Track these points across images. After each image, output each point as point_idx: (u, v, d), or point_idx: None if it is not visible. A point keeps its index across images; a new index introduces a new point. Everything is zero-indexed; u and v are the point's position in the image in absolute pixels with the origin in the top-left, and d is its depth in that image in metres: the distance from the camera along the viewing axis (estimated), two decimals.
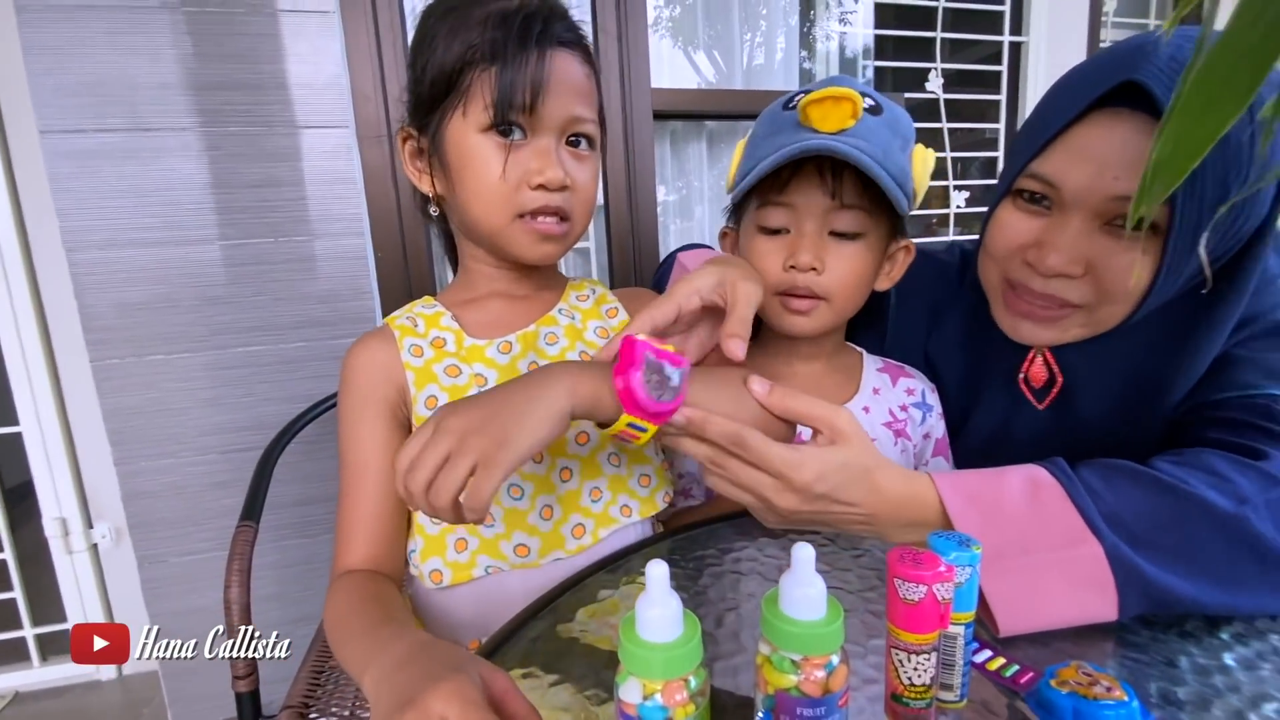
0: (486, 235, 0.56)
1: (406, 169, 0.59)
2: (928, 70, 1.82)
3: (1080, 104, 0.47)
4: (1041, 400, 0.60)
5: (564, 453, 0.58)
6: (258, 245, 1.20)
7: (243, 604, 0.84)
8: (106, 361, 1.17)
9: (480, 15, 0.51)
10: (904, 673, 0.31)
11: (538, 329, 0.60)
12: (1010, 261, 0.54)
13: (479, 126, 0.52)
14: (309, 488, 1.30)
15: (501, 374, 0.57)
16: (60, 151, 1.11)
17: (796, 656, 0.28)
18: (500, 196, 0.53)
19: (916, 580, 0.29)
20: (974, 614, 0.32)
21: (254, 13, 1.14)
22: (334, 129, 1.20)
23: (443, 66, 0.52)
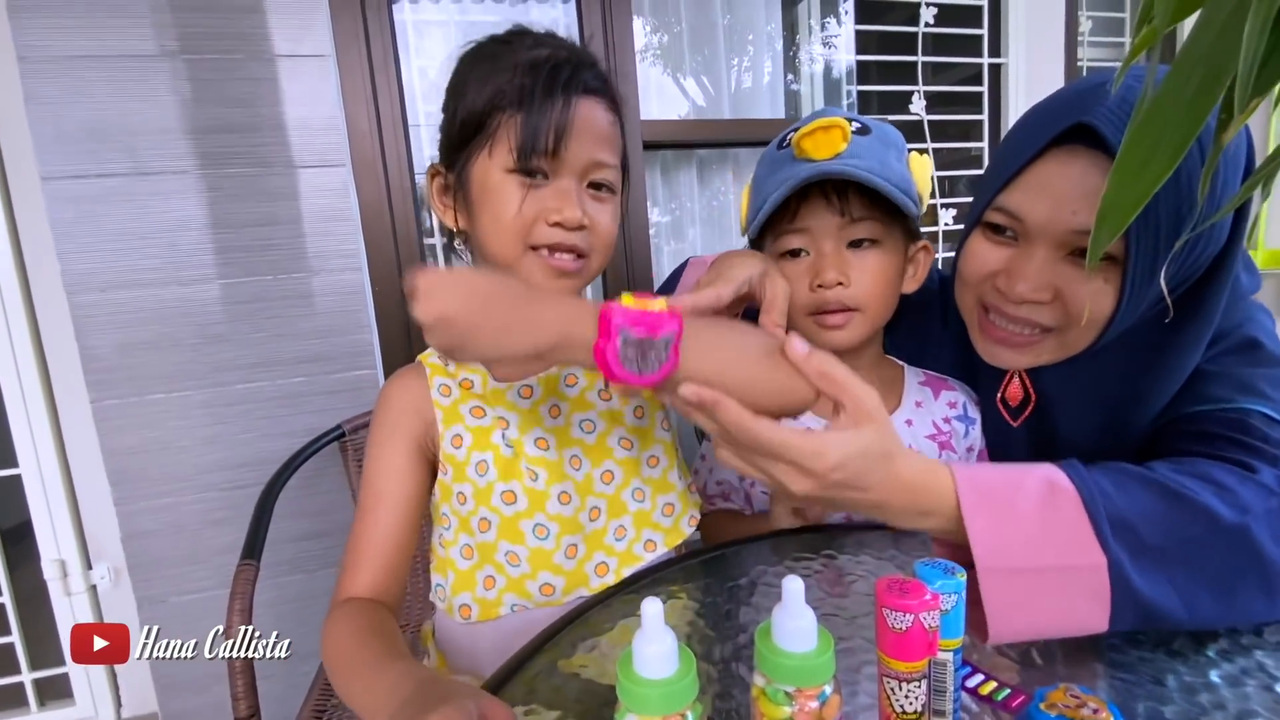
0: (502, 268, 0.57)
1: (434, 204, 0.61)
2: (911, 93, 1.87)
3: (1038, 143, 0.50)
4: (1016, 418, 0.63)
5: (591, 491, 0.59)
6: (257, 283, 1.22)
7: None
8: (106, 402, 1.18)
9: (511, 62, 0.54)
10: (896, 700, 0.31)
11: (560, 371, 0.61)
12: (982, 287, 0.57)
13: (504, 167, 0.54)
14: (309, 523, 1.30)
15: (523, 419, 0.59)
16: (62, 196, 1.13)
17: (790, 688, 0.29)
18: (514, 229, 0.54)
19: (904, 609, 0.30)
20: (961, 640, 0.33)
21: (252, 58, 1.17)
22: (331, 168, 1.23)
23: (473, 109, 0.54)
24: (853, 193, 0.59)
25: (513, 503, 0.57)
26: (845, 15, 1.84)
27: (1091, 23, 1.97)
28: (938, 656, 0.32)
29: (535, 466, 0.58)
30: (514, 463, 0.58)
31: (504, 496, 0.57)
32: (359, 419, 1.20)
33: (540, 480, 0.57)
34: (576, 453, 0.59)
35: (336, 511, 1.31)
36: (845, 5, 1.83)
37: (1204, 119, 0.20)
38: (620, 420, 0.62)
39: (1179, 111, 0.20)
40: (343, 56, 1.27)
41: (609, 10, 1.40)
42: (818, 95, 1.90)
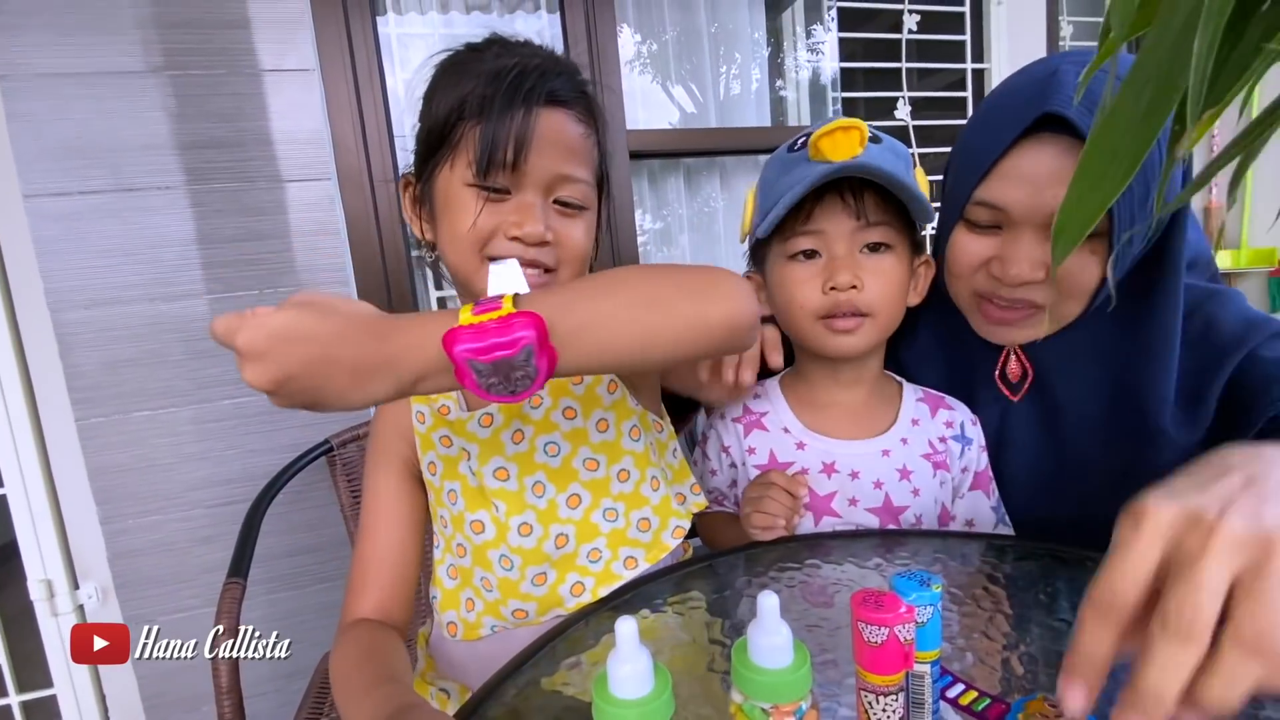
0: (461, 280, 0.57)
1: (406, 214, 0.61)
2: (896, 99, 1.88)
3: (1008, 137, 0.53)
4: (1016, 393, 0.65)
5: (556, 518, 0.57)
6: (244, 298, 1.21)
7: (231, 663, 0.83)
8: (92, 420, 1.17)
9: (477, 70, 0.52)
10: (874, 714, 0.31)
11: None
12: (975, 278, 0.60)
13: (464, 180, 0.53)
14: (299, 539, 1.29)
15: (483, 449, 0.57)
16: (45, 214, 1.12)
17: (766, 705, 0.29)
18: (469, 241, 0.53)
19: (878, 623, 0.30)
20: (939, 652, 0.33)
21: (235, 74, 1.17)
22: (317, 181, 1.22)
23: (437, 119, 0.53)
24: (869, 196, 0.58)
25: (481, 532, 0.57)
26: (830, 22, 1.86)
27: (1072, 28, 1.99)
28: (914, 669, 0.32)
29: (495, 499, 0.57)
30: (479, 493, 0.58)
31: (473, 526, 0.57)
32: (346, 433, 1.19)
33: (501, 511, 0.56)
34: (540, 479, 0.57)
35: (326, 526, 1.30)
36: (830, 12, 1.85)
37: (1155, 135, 0.20)
38: (585, 439, 0.59)
39: (1132, 128, 0.20)
40: (327, 70, 1.27)
41: (593, 20, 1.41)
42: (804, 102, 1.92)
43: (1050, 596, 0.47)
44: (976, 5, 1.91)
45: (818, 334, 0.62)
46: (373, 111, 1.29)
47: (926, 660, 0.33)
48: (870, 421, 0.67)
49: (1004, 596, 0.48)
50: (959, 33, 1.92)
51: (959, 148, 0.63)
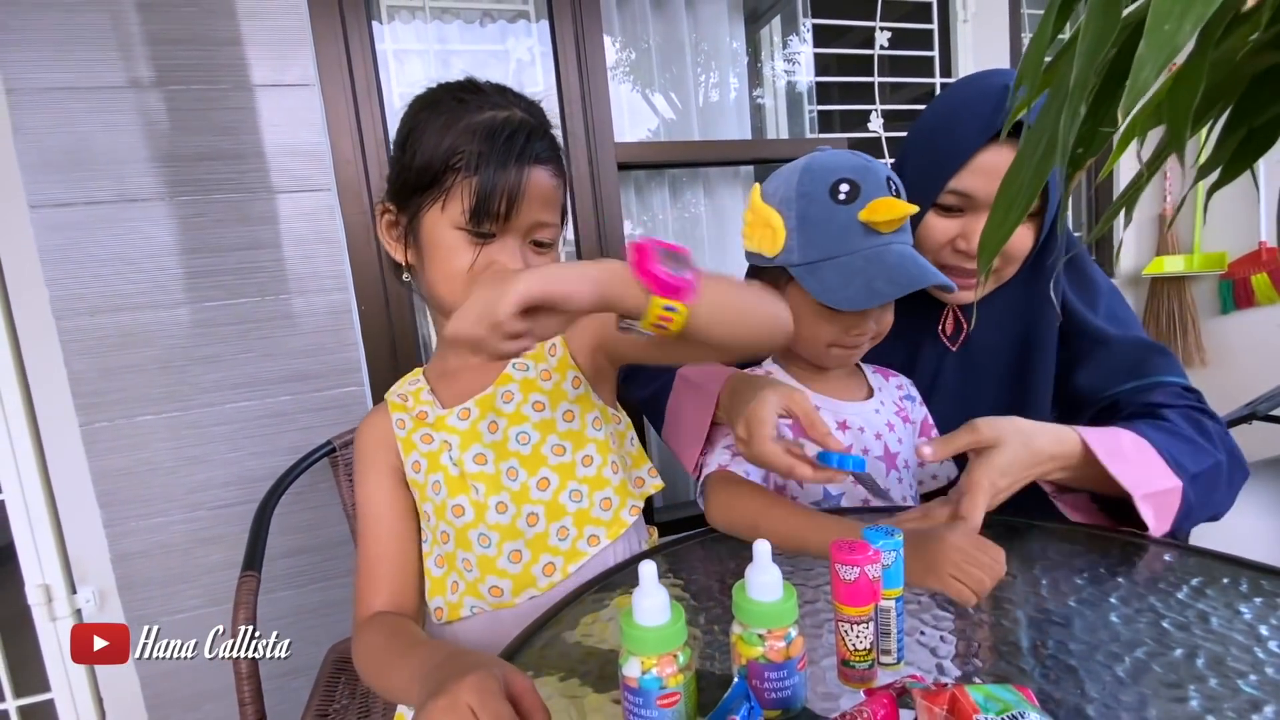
0: (446, 310, 0.62)
1: (382, 237, 0.66)
2: (869, 111, 1.97)
3: (977, 142, 0.67)
4: (953, 344, 0.80)
5: (528, 499, 0.63)
6: (244, 305, 1.25)
7: None
8: (96, 424, 1.19)
9: (472, 123, 0.58)
10: (849, 641, 0.38)
11: (495, 390, 0.66)
12: (941, 252, 0.73)
13: (453, 224, 0.58)
14: (300, 539, 1.32)
15: (463, 439, 0.64)
16: (50, 224, 1.15)
17: (762, 630, 0.35)
18: (464, 282, 0.59)
19: (851, 563, 0.37)
20: (901, 590, 0.40)
21: (237, 88, 1.21)
22: (316, 192, 1.27)
23: (430, 162, 0.58)
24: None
25: (461, 515, 0.63)
26: (806, 34, 1.94)
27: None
28: (881, 604, 0.39)
29: (475, 481, 0.63)
30: (460, 480, 0.63)
31: (454, 510, 0.63)
32: (348, 434, 1.24)
33: (480, 492, 0.63)
34: (513, 464, 0.64)
35: (326, 526, 1.33)
36: (805, 26, 1.93)
37: (1045, 178, 0.27)
38: (553, 428, 0.65)
39: (1029, 172, 0.27)
40: (326, 85, 1.31)
41: (581, 33, 1.47)
42: (781, 113, 2.00)
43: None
44: (944, 23, 2.01)
45: (824, 354, 0.72)
46: (370, 124, 1.34)
47: (891, 597, 0.39)
48: (853, 389, 0.78)
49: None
50: (928, 49, 2.02)
51: (922, 146, 0.74)
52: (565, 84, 1.46)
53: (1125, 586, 0.48)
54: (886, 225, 0.63)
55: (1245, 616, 0.43)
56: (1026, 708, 0.31)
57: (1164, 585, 0.48)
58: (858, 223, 0.64)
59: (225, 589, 1.29)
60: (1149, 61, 0.23)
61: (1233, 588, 0.46)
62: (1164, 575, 0.49)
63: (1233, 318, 2.36)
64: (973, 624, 0.45)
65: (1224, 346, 2.40)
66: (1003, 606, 0.47)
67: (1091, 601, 0.46)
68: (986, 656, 0.42)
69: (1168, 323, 2.45)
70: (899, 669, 0.40)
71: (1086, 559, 0.54)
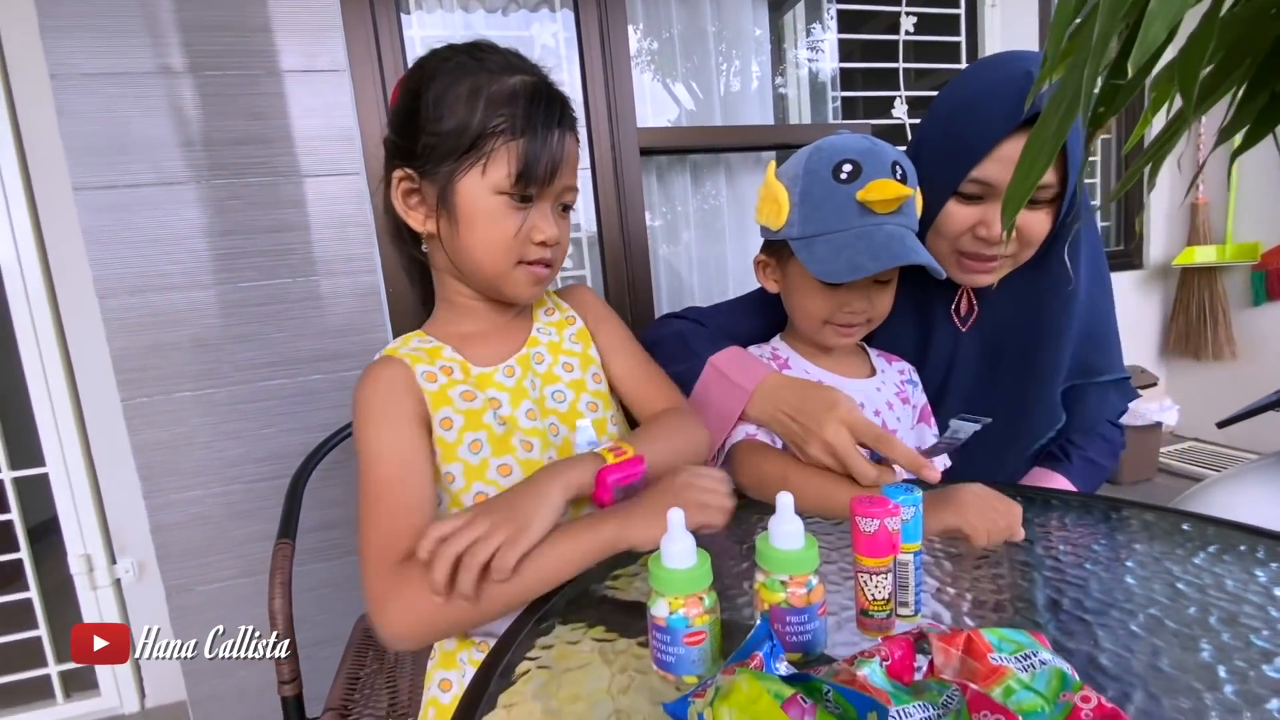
0: (487, 278, 0.63)
1: (398, 206, 0.63)
2: (893, 98, 1.96)
3: (1001, 130, 0.66)
4: (965, 325, 0.81)
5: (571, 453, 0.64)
6: (277, 286, 1.29)
7: (286, 614, 0.91)
8: (136, 400, 1.24)
9: (505, 87, 0.58)
10: (868, 591, 0.39)
11: (529, 351, 0.68)
12: (962, 239, 0.73)
13: (496, 189, 0.58)
14: (327, 513, 1.36)
15: (512, 395, 0.64)
16: (93, 205, 1.19)
17: (784, 577, 0.37)
18: (509, 248, 0.60)
19: (871, 515, 0.38)
20: (919, 544, 0.41)
21: (270, 74, 1.25)
22: (346, 176, 1.30)
23: (467, 126, 0.57)
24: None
25: (509, 474, 0.61)
26: (830, 21, 1.92)
27: None
28: (900, 557, 0.40)
29: (530, 437, 0.63)
30: (506, 438, 0.62)
31: (500, 470, 0.61)
32: None
33: (535, 450, 0.63)
34: (553, 420, 0.65)
35: (355, 502, 1.37)
36: (829, 12, 1.92)
37: (1064, 136, 0.28)
38: (584, 387, 0.68)
39: (1051, 129, 0.28)
40: (356, 70, 1.34)
41: (606, 21, 1.49)
42: (804, 101, 1.99)
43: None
44: (971, 8, 1.99)
45: (823, 332, 0.74)
46: None
47: (910, 551, 0.41)
48: (856, 367, 0.80)
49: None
50: (954, 34, 2.00)
51: (941, 133, 0.74)
52: (589, 69, 1.48)
53: (1142, 552, 0.49)
54: (882, 205, 0.65)
55: (1260, 579, 0.43)
56: (1039, 649, 0.32)
57: (1180, 551, 0.49)
58: (855, 201, 0.66)
59: (259, 560, 1.34)
60: (1159, 17, 0.24)
61: (1249, 554, 0.47)
62: (1181, 542, 0.50)
63: (1264, 310, 2.31)
64: (989, 581, 0.46)
65: (1255, 338, 2.35)
66: (1019, 567, 0.48)
67: (1107, 565, 0.47)
68: (1003, 609, 0.44)
69: (1198, 314, 2.41)
70: (916, 620, 0.41)
71: (1104, 527, 0.55)
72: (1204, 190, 2.39)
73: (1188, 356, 2.48)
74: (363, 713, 0.92)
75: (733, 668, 0.32)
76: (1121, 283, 2.32)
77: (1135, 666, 0.36)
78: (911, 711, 0.28)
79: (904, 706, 0.28)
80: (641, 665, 0.39)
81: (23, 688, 1.52)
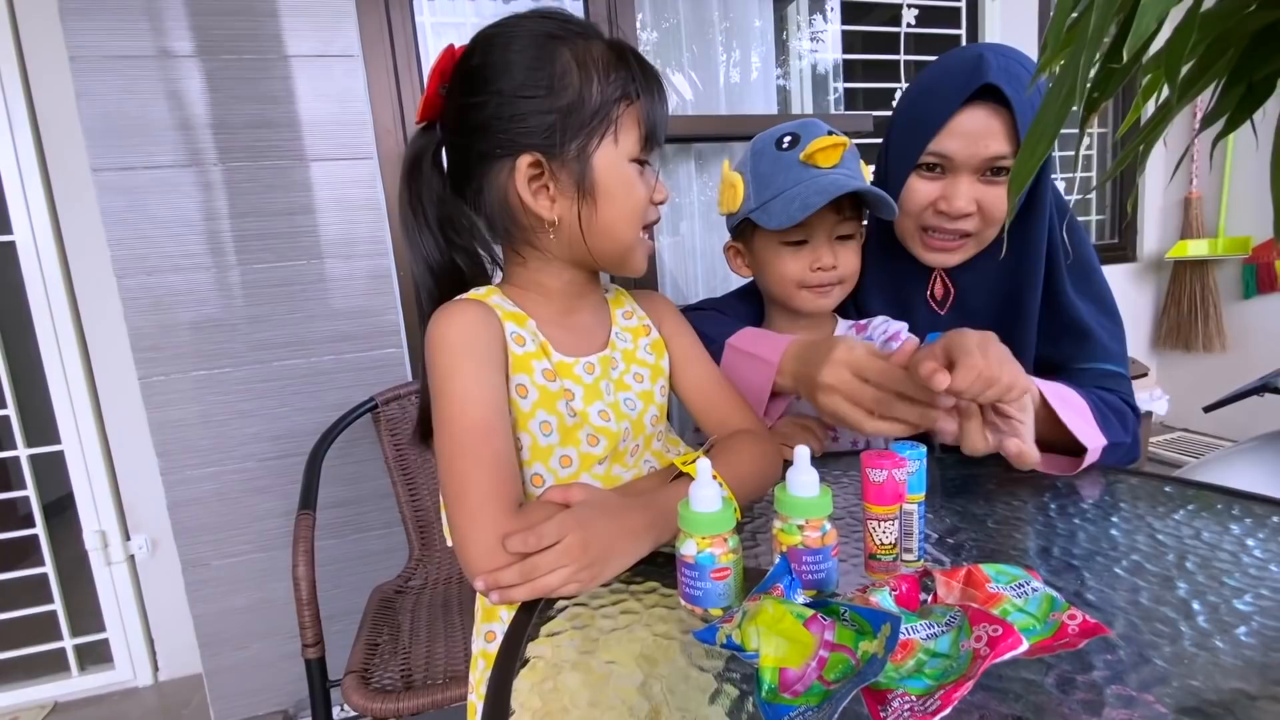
0: (620, 252, 0.60)
1: (525, 197, 0.57)
2: (894, 90, 1.99)
3: (955, 103, 0.70)
4: (943, 309, 0.83)
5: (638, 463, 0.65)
6: (291, 267, 1.32)
7: (309, 580, 0.95)
8: (153, 378, 1.27)
9: (604, 50, 0.56)
10: (876, 536, 0.43)
11: (609, 354, 0.64)
12: (924, 214, 0.76)
13: (630, 155, 0.57)
14: (340, 490, 1.40)
15: (586, 391, 0.60)
16: (111, 187, 1.22)
17: (800, 521, 0.40)
18: (643, 214, 0.59)
19: (880, 466, 0.42)
20: (923, 496, 0.45)
21: (284, 59, 1.27)
22: (360, 160, 1.33)
23: (584, 97, 0.54)
24: (845, 198, 0.73)
25: (568, 465, 0.60)
26: (831, 13, 1.95)
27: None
28: (906, 506, 0.44)
29: (599, 434, 0.60)
30: (575, 430, 0.59)
31: (561, 460, 0.59)
32: (388, 393, 1.30)
33: (600, 446, 0.60)
34: (626, 426, 0.63)
35: (366, 480, 1.41)
36: (831, 4, 1.94)
37: (1064, 120, 0.31)
38: (652, 399, 0.66)
39: (1053, 114, 0.32)
40: (369, 56, 1.37)
41: (614, 8, 1.51)
42: (806, 91, 2.01)
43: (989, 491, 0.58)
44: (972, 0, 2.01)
45: (803, 298, 0.79)
46: (410, 95, 1.39)
47: (915, 501, 0.44)
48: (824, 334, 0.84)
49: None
50: (955, 26, 2.02)
51: (904, 114, 0.78)
52: None
53: (1126, 509, 0.53)
54: (822, 156, 0.71)
55: (1234, 531, 0.47)
56: (1031, 580, 0.36)
57: (1162, 509, 0.53)
58: (799, 163, 0.72)
59: (274, 535, 1.38)
60: (1151, 9, 0.28)
61: (1225, 512, 0.51)
62: (1163, 501, 0.54)
63: (1255, 302, 2.36)
64: (984, 533, 0.50)
65: (1244, 331, 2.40)
66: (1013, 523, 0.52)
67: (1094, 520, 0.51)
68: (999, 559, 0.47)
69: (1189, 306, 2.46)
70: (919, 566, 0.45)
71: (1092, 489, 0.59)
72: (1196, 185, 2.43)
73: (1179, 348, 2.53)
74: (382, 676, 0.95)
75: (757, 596, 0.36)
76: (1115, 275, 2.36)
77: (1118, 601, 0.39)
78: (919, 628, 0.32)
79: (912, 624, 0.32)
80: (670, 601, 0.43)
81: (38, 661, 1.55)
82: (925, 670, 0.30)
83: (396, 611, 1.14)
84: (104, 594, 1.57)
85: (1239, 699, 0.30)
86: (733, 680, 0.35)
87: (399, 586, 1.24)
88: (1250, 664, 0.33)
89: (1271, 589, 0.40)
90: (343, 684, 0.91)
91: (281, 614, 1.39)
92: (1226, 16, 0.35)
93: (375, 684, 0.93)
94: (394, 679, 0.95)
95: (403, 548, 1.34)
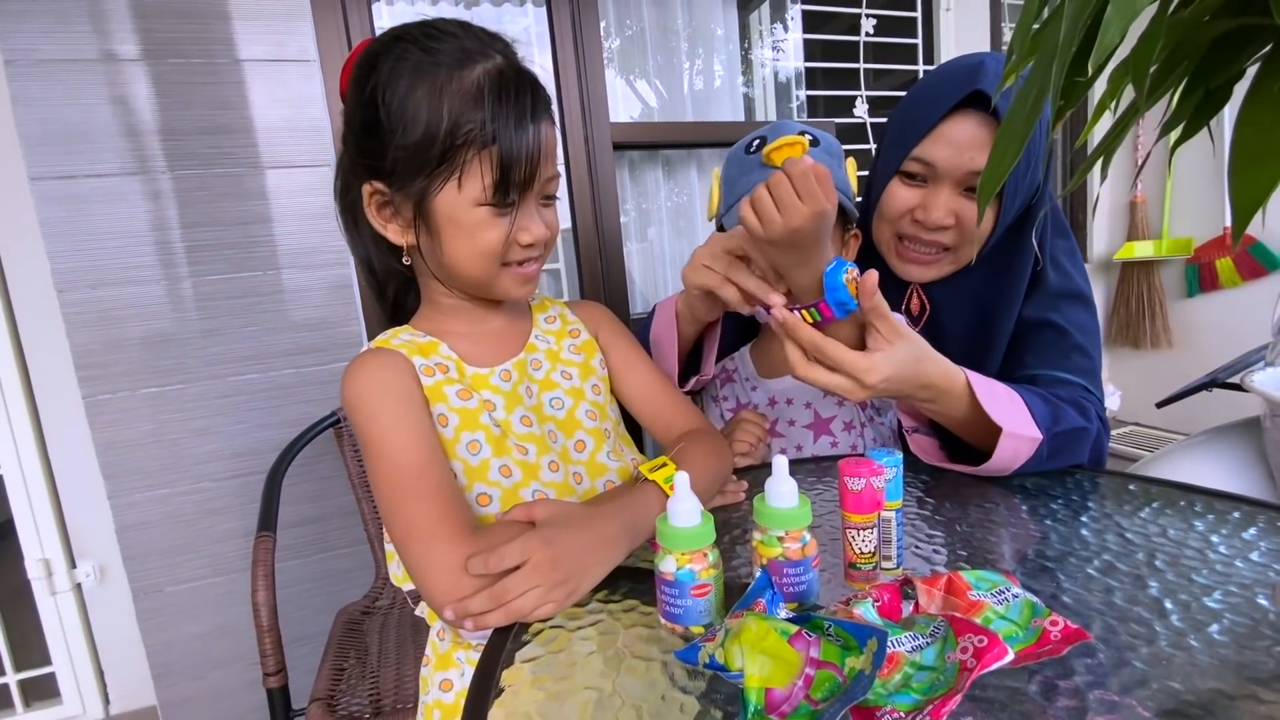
0: (474, 285, 0.59)
1: (373, 220, 0.57)
2: (854, 97, 2.02)
3: (944, 107, 0.69)
4: (916, 325, 0.82)
5: (570, 460, 0.63)
6: (248, 279, 1.27)
7: (270, 606, 0.91)
8: (99, 397, 1.21)
9: (467, 84, 0.52)
10: (855, 545, 0.43)
11: (526, 357, 0.65)
12: (901, 221, 0.75)
13: (475, 201, 0.54)
14: (303, 509, 1.35)
15: (506, 399, 0.61)
16: (50, 196, 1.15)
17: (780, 533, 0.40)
18: (493, 257, 0.56)
19: (858, 475, 0.41)
20: (900, 503, 0.45)
21: (236, 62, 1.22)
22: (318, 167, 1.29)
23: (433, 137, 0.52)
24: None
25: (509, 475, 0.59)
26: (792, 22, 1.98)
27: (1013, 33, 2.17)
28: (884, 513, 0.44)
29: (524, 442, 0.60)
30: (503, 440, 0.59)
31: (501, 471, 0.58)
32: None
33: (531, 454, 0.60)
34: (551, 428, 0.63)
35: (330, 498, 1.36)
36: (792, 13, 1.97)
37: (1034, 125, 0.31)
38: (583, 396, 0.66)
39: (1021, 120, 0.32)
40: (326, 60, 1.33)
41: (578, 16, 1.50)
42: (770, 98, 2.04)
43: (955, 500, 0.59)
44: (927, 11, 2.06)
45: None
46: None
47: (892, 509, 0.44)
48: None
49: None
50: (912, 36, 2.07)
51: (898, 118, 0.77)
52: (562, 64, 1.49)
53: (1094, 509, 0.54)
54: (777, 154, 0.69)
55: (1199, 528, 0.48)
56: (1011, 586, 0.36)
57: (1128, 508, 0.54)
58: (760, 165, 0.72)
59: (232, 559, 1.32)
60: (1115, 22, 0.28)
61: (1189, 508, 0.52)
62: (1129, 500, 0.55)
63: (1198, 300, 2.47)
64: (961, 539, 0.50)
65: (1189, 328, 2.51)
66: (986, 525, 0.53)
67: (1065, 521, 0.52)
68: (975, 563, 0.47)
69: (1137, 305, 2.55)
70: (898, 574, 0.45)
71: (1060, 489, 0.60)
72: (1142, 189, 2.53)
73: (1128, 345, 2.63)
74: (349, 703, 0.92)
75: (739, 613, 0.35)
76: None
77: (1093, 603, 0.40)
78: (904, 640, 0.31)
79: (897, 637, 0.32)
80: (649, 620, 0.42)
81: None
82: (913, 684, 0.30)
83: (364, 633, 1.10)
84: (49, 625, 1.48)
85: (1218, 699, 0.31)
86: (716, 702, 0.34)
87: (365, 607, 1.19)
88: (1225, 663, 0.33)
89: (1239, 585, 0.41)
90: (307, 713, 0.88)
91: (241, 641, 1.33)
92: (1185, 26, 0.35)
93: (342, 710, 0.89)
94: (361, 704, 0.91)
95: (369, 566, 1.30)
